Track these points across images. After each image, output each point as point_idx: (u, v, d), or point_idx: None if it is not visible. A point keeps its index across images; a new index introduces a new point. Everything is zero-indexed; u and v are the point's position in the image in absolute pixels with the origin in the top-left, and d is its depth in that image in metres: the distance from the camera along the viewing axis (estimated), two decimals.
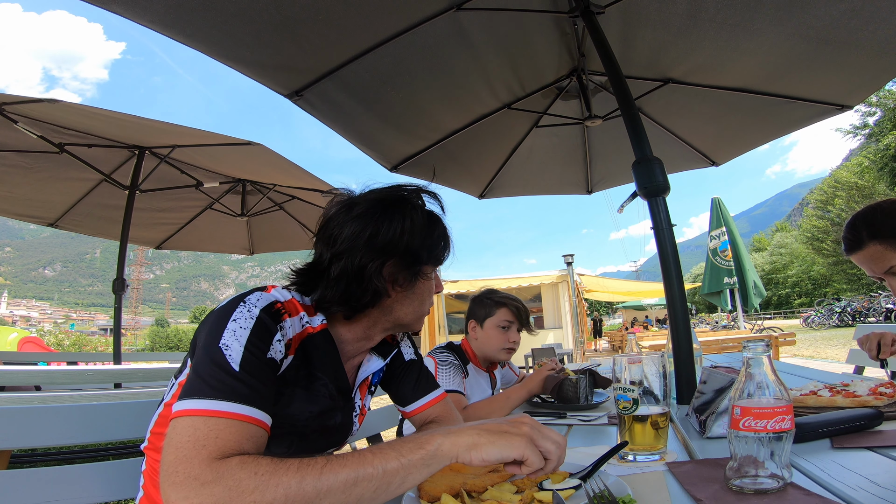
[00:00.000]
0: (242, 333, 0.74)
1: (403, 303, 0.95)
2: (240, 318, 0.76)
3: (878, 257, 1.32)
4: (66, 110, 2.91)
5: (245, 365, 0.71)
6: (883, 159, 23.29)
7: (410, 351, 1.18)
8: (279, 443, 0.85)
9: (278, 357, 0.78)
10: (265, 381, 0.73)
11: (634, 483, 0.74)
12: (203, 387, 0.69)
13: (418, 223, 0.92)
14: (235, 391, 0.69)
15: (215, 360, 0.71)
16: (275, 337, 0.77)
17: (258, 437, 0.70)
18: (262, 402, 0.71)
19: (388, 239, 0.88)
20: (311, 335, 0.87)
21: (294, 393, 0.85)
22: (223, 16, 1.76)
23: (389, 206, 0.92)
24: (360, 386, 1.03)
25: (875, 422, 0.93)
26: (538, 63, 2.81)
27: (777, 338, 7.39)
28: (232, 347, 0.72)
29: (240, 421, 0.67)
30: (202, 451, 0.63)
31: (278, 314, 0.80)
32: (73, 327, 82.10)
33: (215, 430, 0.65)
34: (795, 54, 2.45)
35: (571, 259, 11.98)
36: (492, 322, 1.91)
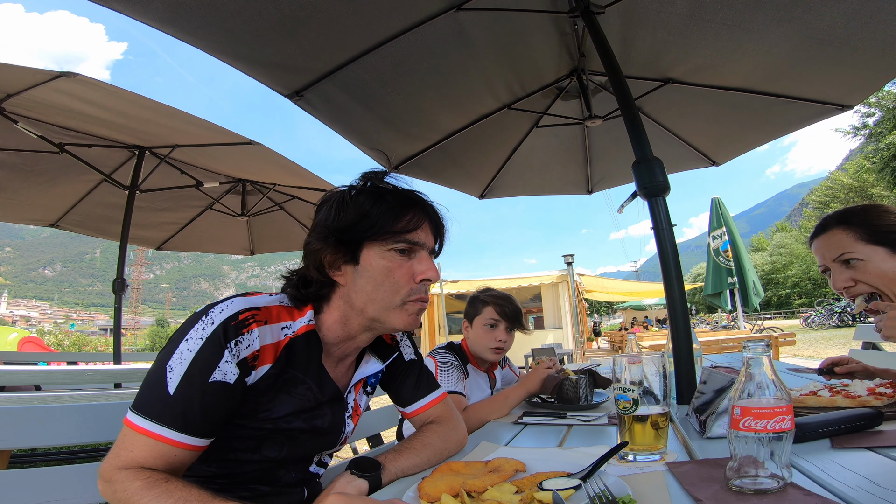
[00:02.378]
0: (188, 357, 0.78)
1: (355, 287, 0.91)
2: (192, 338, 0.79)
3: (834, 243, 1.30)
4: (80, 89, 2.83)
5: (180, 391, 0.76)
6: (883, 160, 23.29)
7: (410, 351, 1.17)
8: (270, 446, 0.89)
9: (230, 378, 0.79)
10: (203, 405, 0.77)
11: (634, 483, 0.74)
12: (141, 402, 0.77)
13: (348, 204, 0.92)
14: (163, 414, 0.76)
15: (157, 379, 0.77)
16: (221, 359, 0.78)
17: (176, 456, 0.77)
18: (189, 426, 0.77)
19: (319, 227, 0.92)
20: (293, 340, 0.89)
21: (276, 397, 0.87)
22: (223, 14, 1.76)
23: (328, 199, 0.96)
24: (355, 386, 1.03)
25: (875, 422, 0.93)
26: (538, 63, 2.81)
27: (777, 338, 7.39)
28: (174, 371, 0.77)
29: (158, 441, 0.75)
30: (116, 459, 0.75)
31: (240, 327, 0.81)
32: (73, 327, 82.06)
33: (134, 444, 0.76)
34: (795, 54, 2.45)
35: (571, 259, 11.98)
36: (479, 321, 1.91)
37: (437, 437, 1.02)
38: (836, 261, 1.30)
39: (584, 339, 14.28)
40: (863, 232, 1.26)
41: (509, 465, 0.85)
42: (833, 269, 1.32)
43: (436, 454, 0.98)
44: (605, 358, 8.63)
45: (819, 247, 1.35)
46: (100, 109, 3.08)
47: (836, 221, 1.32)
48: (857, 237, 1.27)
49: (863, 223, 1.27)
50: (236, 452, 0.88)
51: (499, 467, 0.85)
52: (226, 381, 0.79)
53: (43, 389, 3.25)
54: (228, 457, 0.88)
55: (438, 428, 1.06)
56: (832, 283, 1.32)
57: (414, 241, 0.92)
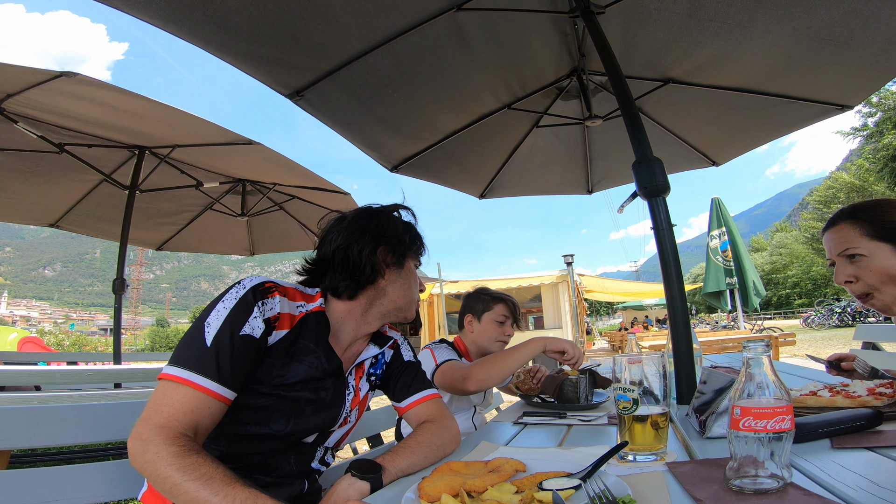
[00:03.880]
0: (223, 313, 0.89)
1: (395, 285, 1.12)
2: (227, 299, 0.91)
3: (841, 237, 1.29)
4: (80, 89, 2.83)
5: (216, 341, 0.86)
6: (883, 160, 23.29)
7: (410, 353, 1.28)
8: (278, 418, 0.96)
9: (256, 332, 0.91)
10: (233, 356, 0.87)
11: (634, 483, 0.74)
12: (179, 356, 0.85)
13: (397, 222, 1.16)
14: (201, 363, 0.84)
15: (195, 334, 0.87)
16: (251, 315, 0.91)
17: (208, 408, 0.83)
18: (222, 377, 0.85)
19: (376, 229, 1.10)
20: (307, 315, 1.02)
21: (289, 364, 0.98)
22: (223, 11, 1.76)
23: (373, 212, 1.15)
24: (356, 368, 1.14)
25: (875, 422, 0.93)
26: (538, 63, 2.81)
27: (777, 338, 7.38)
28: (212, 325, 0.87)
29: (195, 390, 0.82)
30: (156, 416, 0.79)
31: (266, 292, 0.95)
32: (73, 327, 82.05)
33: (172, 397, 0.81)
34: (796, 54, 2.45)
35: (571, 259, 11.98)
36: (489, 316, 2.00)
37: (432, 435, 1.07)
38: (841, 255, 1.29)
39: (584, 339, 14.29)
40: (870, 227, 1.25)
41: (509, 465, 0.85)
42: (837, 263, 1.31)
43: (432, 452, 1.03)
44: (605, 358, 8.63)
45: (828, 240, 1.35)
46: (100, 109, 3.08)
47: (846, 215, 1.30)
48: (863, 232, 1.25)
49: (871, 218, 1.26)
50: (247, 426, 0.94)
51: (499, 467, 0.85)
52: (253, 335, 0.90)
53: (43, 389, 3.25)
54: (239, 431, 0.94)
55: (432, 426, 1.12)
56: (834, 277, 1.32)
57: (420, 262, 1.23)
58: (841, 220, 1.31)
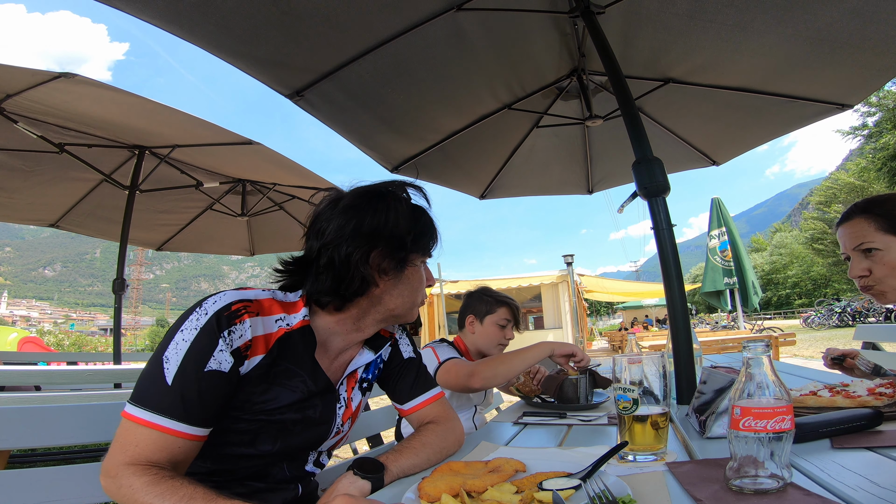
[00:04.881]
0: (184, 347, 0.79)
1: (393, 292, 0.98)
2: (187, 329, 0.80)
3: (855, 231, 1.30)
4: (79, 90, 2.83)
5: (177, 380, 0.77)
6: (882, 159, 23.29)
7: (409, 349, 1.18)
8: (265, 439, 0.90)
9: (224, 367, 0.81)
10: (200, 394, 0.78)
11: (634, 483, 0.74)
12: (140, 394, 0.78)
13: (402, 212, 0.97)
14: (163, 404, 0.76)
15: (155, 370, 0.78)
16: (216, 348, 0.80)
17: (179, 447, 0.78)
18: (190, 416, 0.78)
19: (372, 227, 0.93)
20: (289, 333, 0.91)
21: (270, 389, 0.88)
22: (223, 11, 1.76)
23: (373, 197, 0.96)
24: (348, 378, 1.04)
25: (875, 422, 0.93)
26: (538, 63, 2.80)
27: (777, 338, 7.38)
28: (171, 361, 0.78)
29: (160, 432, 0.76)
30: (122, 455, 0.75)
31: (232, 317, 0.83)
32: (73, 327, 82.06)
33: (137, 437, 0.76)
34: (796, 54, 2.45)
35: (571, 259, 11.99)
36: (492, 319, 1.99)
37: (436, 437, 1.03)
38: (856, 249, 1.30)
39: (584, 339, 14.29)
40: (884, 222, 1.25)
41: (509, 465, 0.85)
42: (852, 258, 1.32)
43: (435, 453, 0.99)
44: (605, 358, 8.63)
45: (842, 234, 1.36)
46: (99, 109, 3.08)
47: (860, 210, 1.31)
48: (878, 227, 1.26)
49: (885, 213, 1.26)
50: (232, 447, 0.89)
51: (499, 467, 0.85)
52: (221, 369, 0.80)
53: (43, 389, 3.25)
54: (224, 452, 0.89)
55: (436, 428, 1.07)
56: (849, 271, 1.33)
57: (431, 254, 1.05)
58: (855, 214, 1.32)
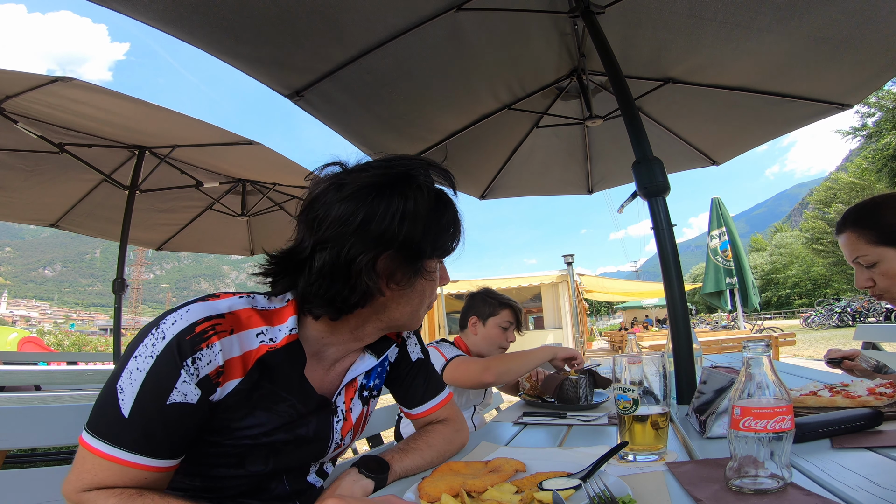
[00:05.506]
0: (138, 377, 0.67)
1: (400, 301, 0.84)
2: (141, 356, 0.68)
3: (849, 244, 1.34)
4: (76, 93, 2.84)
5: (135, 414, 0.67)
6: (882, 159, 23.29)
7: (417, 350, 1.10)
8: (253, 461, 0.80)
9: (191, 398, 0.69)
10: (163, 427, 0.69)
11: (634, 483, 0.74)
12: (96, 422, 0.69)
13: (423, 207, 0.77)
14: (120, 437, 0.67)
15: (109, 400, 0.68)
16: (178, 380, 0.68)
17: (145, 479, 0.69)
18: (153, 449, 0.68)
19: (384, 226, 0.75)
20: (272, 352, 0.76)
21: (252, 413, 0.77)
22: (223, 12, 1.76)
23: (388, 184, 0.77)
24: (346, 388, 0.92)
25: (875, 422, 0.93)
26: (538, 63, 2.81)
27: (777, 338, 7.38)
28: (125, 392, 0.67)
29: (121, 465, 0.67)
30: (79, 482, 0.67)
31: (197, 342, 0.69)
32: (73, 327, 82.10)
33: (95, 468, 0.67)
34: (795, 53, 2.45)
35: (571, 259, 11.99)
36: (495, 321, 2.00)
37: (442, 439, 1.01)
38: (854, 262, 1.34)
39: (584, 339, 14.29)
40: (873, 234, 1.28)
41: (509, 465, 0.85)
42: (855, 269, 1.35)
43: (439, 455, 0.98)
44: (605, 358, 8.62)
45: (841, 245, 1.40)
46: (98, 112, 3.08)
47: (850, 223, 1.34)
48: (868, 239, 1.29)
49: (872, 224, 1.29)
50: (218, 468, 0.80)
51: (499, 467, 0.85)
52: (186, 401, 0.69)
53: (43, 389, 3.25)
54: (211, 473, 0.81)
55: (443, 429, 1.04)
56: (855, 282, 1.36)
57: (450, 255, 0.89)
58: (845, 228, 1.35)
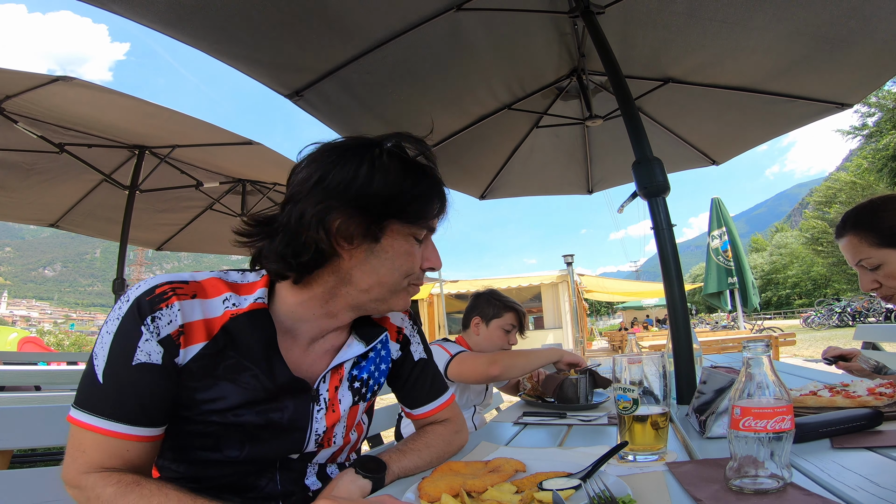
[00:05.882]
0: (108, 340, 0.72)
1: (364, 267, 0.81)
2: (110, 320, 0.73)
3: (851, 248, 1.33)
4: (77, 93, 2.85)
5: (107, 378, 0.71)
6: (882, 160, 23.28)
7: (420, 349, 1.07)
8: (228, 444, 0.80)
9: (154, 358, 0.72)
10: (134, 390, 0.71)
11: (634, 483, 0.74)
12: (80, 395, 0.72)
13: (382, 167, 0.78)
14: (98, 405, 0.71)
15: (88, 370, 0.72)
16: (140, 339, 0.71)
17: (128, 451, 0.72)
18: (130, 417, 0.71)
19: (336, 181, 0.76)
20: (237, 317, 0.78)
21: (216, 384, 0.77)
22: (222, 14, 1.76)
23: (350, 147, 0.80)
24: (331, 374, 0.89)
25: (875, 422, 0.93)
26: (538, 63, 2.81)
27: (777, 338, 7.38)
28: (99, 357, 0.72)
29: (102, 435, 0.70)
30: (74, 463, 0.71)
31: (156, 301, 0.73)
32: (73, 327, 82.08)
33: (83, 443, 0.71)
34: (795, 53, 2.45)
35: (571, 259, 12.00)
36: (498, 323, 1.99)
37: (440, 440, 1.01)
38: (858, 265, 1.33)
39: (584, 339, 14.30)
40: (873, 236, 1.28)
41: (509, 465, 0.85)
42: (859, 272, 1.35)
43: (437, 456, 0.97)
44: (605, 358, 8.62)
45: (842, 249, 1.39)
46: (98, 112, 3.08)
47: (850, 226, 1.34)
48: (870, 242, 1.28)
49: (872, 226, 1.29)
50: (197, 451, 0.81)
51: (499, 467, 0.85)
52: (151, 361, 0.72)
53: (43, 389, 3.25)
54: (192, 456, 0.81)
55: (443, 430, 1.03)
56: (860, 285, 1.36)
57: (433, 227, 0.86)
58: (846, 231, 1.35)
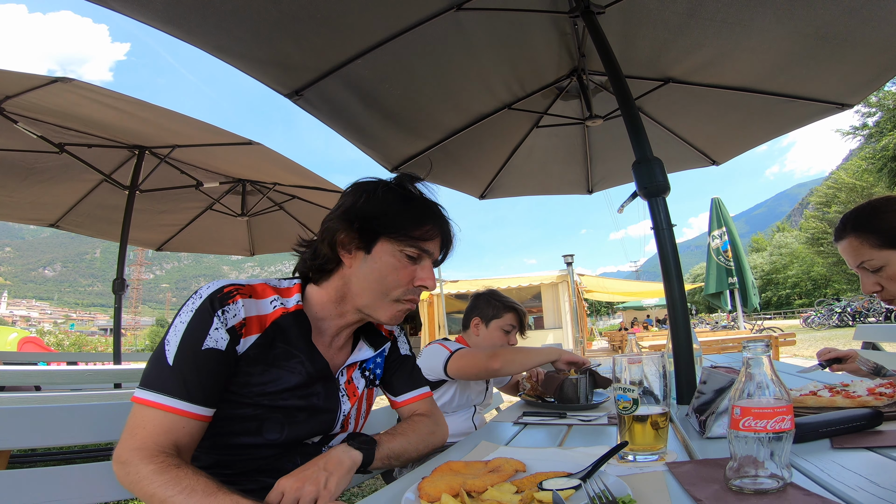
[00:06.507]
0: (181, 328, 0.85)
1: (358, 274, 0.99)
2: (184, 312, 0.87)
3: (853, 250, 1.32)
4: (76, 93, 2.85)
5: (177, 360, 0.83)
6: (882, 160, 23.26)
7: (406, 347, 1.26)
8: (270, 427, 0.93)
9: (221, 344, 0.86)
10: (200, 373, 0.83)
11: (634, 483, 0.74)
12: (146, 378, 0.83)
13: (378, 195, 0.99)
14: (166, 384, 0.82)
15: (159, 353, 0.84)
16: (211, 326, 0.86)
17: (183, 428, 0.82)
18: (191, 395, 0.82)
19: (347, 206, 0.99)
20: (285, 314, 0.95)
21: (268, 370, 0.92)
22: (222, 12, 1.76)
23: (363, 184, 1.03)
24: (348, 368, 1.07)
25: (875, 422, 0.93)
26: (538, 63, 2.80)
27: (777, 338, 7.38)
28: (171, 343, 0.84)
29: (164, 412, 0.81)
30: (131, 440, 0.79)
31: (225, 298, 0.88)
32: (73, 327, 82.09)
33: (144, 419, 0.80)
34: (796, 53, 2.45)
35: (571, 259, 12.00)
36: (497, 324, 1.99)
37: (425, 426, 1.13)
38: (859, 268, 1.32)
39: (584, 339, 14.30)
40: (875, 238, 1.27)
41: (509, 465, 0.85)
42: (860, 275, 1.34)
43: (422, 441, 1.09)
44: (605, 358, 8.62)
45: (842, 251, 1.38)
46: (98, 112, 3.08)
47: (850, 228, 1.33)
48: (871, 244, 1.28)
49: (873, 228, 1.28)
50: (238, 436, 0.92)
51: (499, 467, 0.85)
52: (217, 347, 0.85)
53: (43, 389, 3.26)
54: (231, 442, 0.92)
55: (426, 420, 1.16)
56: (861, 287, 1.35)
57: (424, 249, 1.01)
58: (846, 233, 1.33)
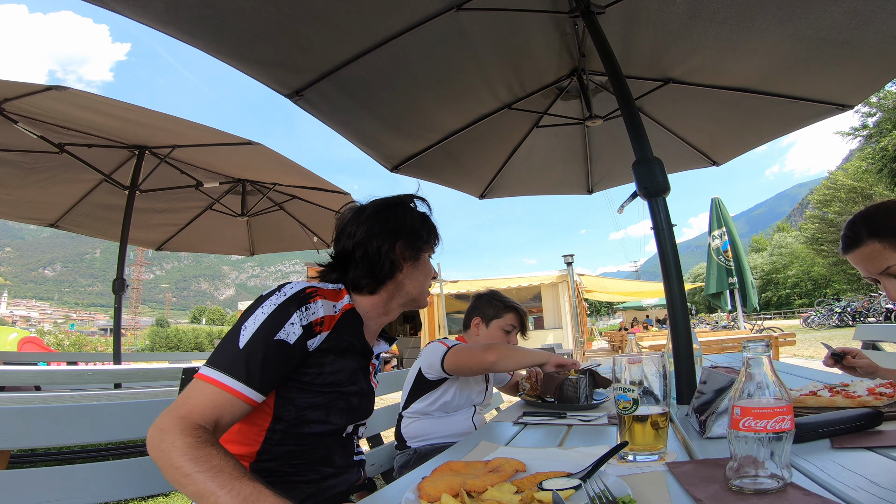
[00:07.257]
0: (261, 318, 0.92)
1: (411, 277, 1.19)
2: (267, 304, 0.94)
3: (875, 256, 1.26)
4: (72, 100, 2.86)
5: (249, 344, 0.89)
6: (882, 160, 23.26)
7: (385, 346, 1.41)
8: (336, 413, 1.05)
9: (291, 338, 0.93)
10: (264, 360, 0.89)
11: (634, 483, 0.74)
12: (213, 358, 0.89)
13: (415, 215, 1.22)
14: (230, 365, 0.87)
15: (231, 338, 0.90)
16: (288, 320, 0.93)
17: (231, 407, 0.86)
18: (250, 379, 0.87)
19: (395, 225, 1.16)
20: (346, 313, 1.08)
21: (336, 360, 1.04)
22: (222, 13, 1.76)
23: (393, 205, 1.21)
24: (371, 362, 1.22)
25: (875, 422, 0.93)
26: (538, 63, 2.80)
27: (777, 338, 7.38)
28: (248, 329, 0.90)
29: (220, 389, 0.85)
30: (178, 409, 0.83)
31: (308, 297, 0.98)
32: (73, 327, 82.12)
33: (200, 393, 0.85)
34: (796, 54, 2.45)
35: (571, 259, 11.99)
36: (498, 324, 1.99)
37: None
38: (883, 274, 1.26)
39: (584, 339, 14.30)
40: None
41: (509, 465, 0.85)
42: (884, 282, 1.28)
43: None
44: (605, 358, 8.62)
45: (858, 260, 1.31)
46: (96, 117, 3.09)
47: (868, 233, 1.26)
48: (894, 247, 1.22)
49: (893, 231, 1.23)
50: (309, 425, 1.02)
51: (499, 467, 0.85)
52: (287, 340, 0.92)
53: (43, 389, 3.26)
54: (304, 430, 1.01)
55: None
56: (888, 295, 1.28)
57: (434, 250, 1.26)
58: (864, 239, 1.27)
